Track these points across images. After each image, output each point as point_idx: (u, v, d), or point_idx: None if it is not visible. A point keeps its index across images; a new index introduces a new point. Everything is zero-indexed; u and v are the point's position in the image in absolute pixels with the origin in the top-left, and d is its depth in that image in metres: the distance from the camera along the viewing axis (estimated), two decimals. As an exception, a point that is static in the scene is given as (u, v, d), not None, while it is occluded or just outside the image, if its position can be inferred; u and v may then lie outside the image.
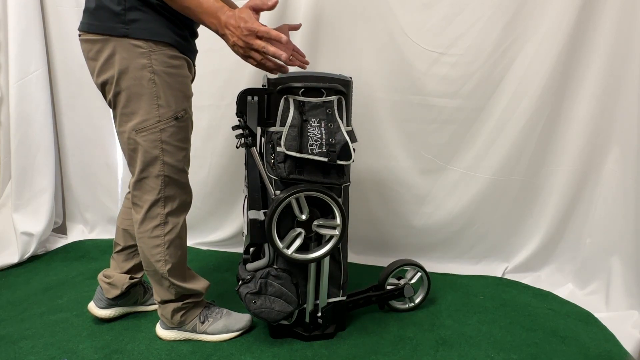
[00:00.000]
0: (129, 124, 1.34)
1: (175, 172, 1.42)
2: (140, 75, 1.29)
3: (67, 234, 2.54)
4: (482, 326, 1.74)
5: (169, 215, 1.44)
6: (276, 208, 1.42)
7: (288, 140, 1.43)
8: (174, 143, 1.38)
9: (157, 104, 1.32)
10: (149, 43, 1.28)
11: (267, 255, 1.55)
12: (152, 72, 1.30)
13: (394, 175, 2.20)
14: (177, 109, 1.36)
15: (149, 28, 1.28)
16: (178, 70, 1.35)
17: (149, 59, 1.29)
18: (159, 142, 1.35)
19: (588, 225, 2.02)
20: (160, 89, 1.32)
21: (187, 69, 1.39)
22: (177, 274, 1.50)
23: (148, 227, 1.43)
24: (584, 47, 1.90)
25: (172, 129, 1.36)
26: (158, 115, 1.33)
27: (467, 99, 2.04)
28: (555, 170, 2.06)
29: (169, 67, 1.32)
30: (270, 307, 1.53)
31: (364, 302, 1.76)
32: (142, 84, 1.30)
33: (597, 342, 1.66)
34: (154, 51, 1.29)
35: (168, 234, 1.45)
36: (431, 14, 1.99)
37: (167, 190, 1.41)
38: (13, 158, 2.28)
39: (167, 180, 1.41)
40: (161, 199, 1.41)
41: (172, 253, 1.47)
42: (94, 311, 1.68)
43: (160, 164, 1.38)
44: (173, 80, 1.34)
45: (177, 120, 1.37)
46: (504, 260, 2.23)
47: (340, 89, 1.48)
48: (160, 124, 1.34)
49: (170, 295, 1.53)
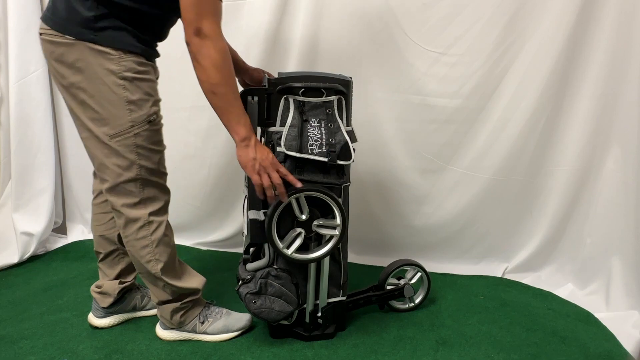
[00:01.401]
0: (102, 129, 1.33)
1: (152, 174, 1.41)
2: (110, 80, 1.29)
3: (67, 234, 2.54)
4: (482, 326, 1.74)
5: (152, 214, 1.43)
6: (276, 208, 1.42)
7: (288, 140, 1.43)
8: (149, 146, 1.38)
9: (129, 109, 1.32)
10: (118, 51, 1.29)
11: (267, 255, 1.55)
12: (122, 77, 1.30)
13: (394, 175, 2.20)
14: (149, 113, 1.36)
15: (118, 37, 1.28)
16: (146, 75, 1.35)
17: (118, 65, 1.29)
18: (134, 147, 1.35)
19: (588, 225, 2.02)
20: (131, 94, 1.31)
21: (153, 73, 1.40)
22: (170, 272, 1.49)
23: (133, 229, 1.43)
24: (584, 47, 1.90)
25: (146, 133, 1.36)
26: (131, 120, 1.33)
27: (467, 99, 2.04)
28: (555, 170, 2.06)
29: (138, 72, 1.32)
30: (270, 307, 1.53)
31: (364, 302, 1.76)
32: (113, 89, 1.29)
33: (597, 342, 1.66)
34: (123, 58, 1.29)
35: (154, 233, 1.44)
36: (431, 14, 1.99)
37: (145, 192, 1.41)
38: (13, 158, 2.27)
39: (145, 183, 1.41)
40: (141, 201, 1.41)
41: (161, 251, 1.46)
42: (93, 322, 1.67)
43: (137, 168, 1.37)
44: (143, 85, 1.34)
45: (150, 124, 1.37)
46: (504, 260, 2.22)
47: (340, 89, 1.48)
48: (134, 129, 1.34)
49: (167, 295, 1.52)
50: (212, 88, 1.29)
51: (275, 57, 2.11)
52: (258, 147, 1.37)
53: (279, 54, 2.12)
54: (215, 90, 1.29)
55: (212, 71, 1.26)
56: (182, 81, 2.15)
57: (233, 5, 2.09)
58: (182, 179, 2.31)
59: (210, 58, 1.25)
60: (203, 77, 1.28)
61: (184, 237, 2.42)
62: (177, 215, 2.20)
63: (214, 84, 1.28)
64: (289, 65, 2.10)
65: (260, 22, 2.08)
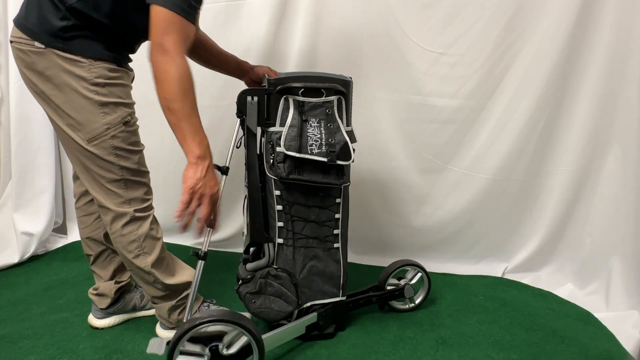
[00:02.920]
0: (79, 134, 1.35)
1: (134, 174, 1.43)
2: (82, 86, 1.30)
3: (67, 234, 2.55)
4: (482, 326, 1.74)
5: (137, 212, 1.45)
6: (180, 337, 1.28)
7: (287, 140, 1.43)
8: (127, 147, 1.39)
9: (104, 112, 1.34)
10: (88, 59, 1.30)
11: (267, 255, 1.56)
12: (94, 84, 1.31)
13: (394, 175, 2.20)
14: (123, 115, 1.37)
15: (87, 46, 1.30)
16: (118, 80, 1.36)
17: (89, 72, 1.30)
18: (112, 149, 1.37)
19: (588, 225, 2.02)
20: (103, 97, 1.33)
21: (126, 78, 1.40)
22: (160, 266, 1.49)
23: (118, 225, 1.44)
24: (584, 47, 1.90)
25: (123, 134, 1.38)
26: (106, 123, 1.34)
27: (467, 99, 2.04)
28: (555, 170, 2.06)
29: (109, 78, 1.34)
30: (269, 307, 1.53)
31: (364, 303, 1.76)
32: (84, 95, 1.31)
33: (597, 342, 1.66)
34: (94, 65, 1.31)
35: (140, 228, 1.45)
36: (431, 14, 1.99)
37: (129, 192, 1.43)
38: (13, 158, 2.28)
39: (128, 183, 1.42)
40: (125, 200, 1.43)
41: (149, 245, 1.47)
42: (93, 323, 1.68)
43: (118, 169, 1.39)
44: (115, 89, 1.35)
45: (125, 125, 1.38)
46: (503, 260, 2.23)
47: (340, 89, 1.48)
48: (111, 131, 1.35)
49: (159, 292, 1.52)
50: (167, 103, 1.25)
51: (275, 57, 2.11)
52: (210, 172, 1.30)
53: (279, 54, 2.12)
54: (170, 105, 1.25)
55: (168, 86, 1.23)
56: (182, 81, 2.16)
57: (233, 5, 2.09)
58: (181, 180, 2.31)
59: (167, 73, 1.23)
60: (160, 93, 1.26)
61: (183, 237, 2.42)
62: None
63: (169, 99, 1.24)
64: (289, 65, 2.10)
65: (260, 23, 2.08)
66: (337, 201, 1.56)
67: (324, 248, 1.58)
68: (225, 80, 2.17)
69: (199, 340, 1.33)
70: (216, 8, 2.10)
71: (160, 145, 2.07)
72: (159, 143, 2.05)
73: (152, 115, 1.93)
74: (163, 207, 2.09)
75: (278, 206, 1.51)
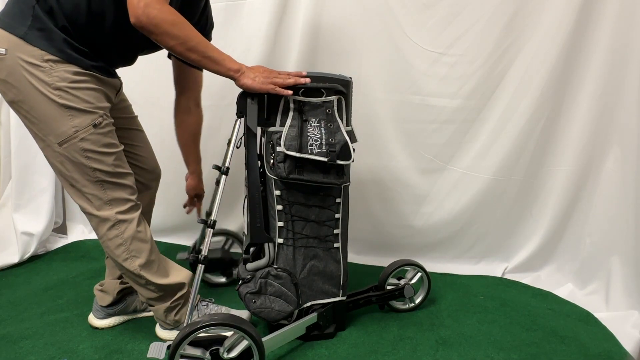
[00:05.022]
0: (49, 138, 1.34)
1: (110, 176, 1.40)
2: (44, 91, 1.29)
3: (67, 234, 2.54)
4: (482, 326, 1.74)
5: (120, 214, 1.43)
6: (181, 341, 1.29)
7: (288, 140, 1.43)
8: (98, 149, 1.37)
9: (70, 115, 1.32)
10: (48, 62, 1.28)
11: (267, 255, 1.55)
12: (56, 88, 1.29)
13: (394, 175, 2.20)
14: (93, 117, 1.35)
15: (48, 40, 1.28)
16: (83, 84, 1.34)
17: (50, 76, 1.28)
18: (82, 151, 1.35)
19: (588, 225, 2.02)
20: (68, 101, 1.31)
21: (95, 82, 1.37)
22: (150, 268, 1.48)
23: (104, 230, 1.43)
24: (584, 47, 1.91)
25: (93, 137, 1.35)
26: (74, 125, 1.32)
27: (467, 99, 2.05)
28: (555, 170, 2.06)
29: (73, 82, 1.31)
30: (269, 307, 1.53)
31: (364, 302, 1.76)
32: (49, 98, 1.29)
33: (597, 342, 1.66)
34: (54, 69, 1.29)
35: (126, 231, 1.44)
36: (431, 14, 1.99)
37: (108, 193, 1.41)
38: (13, 158, 2.28)
39: (105, 185, 1.40)
40: (106, 202, 1.41)
41: (137, 248, 1.45)
42: (92, 322, 1.68)
43: (91, 171, 1.37)
44: (80, 93, 1.33)
45: (95, 127, 1.36)
46: (503, 260, 2.23)
47: (340, 89, 1.48)
48: (80, 133, 1.33)
49: (152, 293, 1.51)
50: (185, 45, 1.27)
51: (275, 57, 2.11)
52: (250, 69, 1.40)
53: (279, 54, 2.12)
54: (189, 45, 1.27)
55: (177, 29, 1.25)
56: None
57: (233, 5, 2.09)
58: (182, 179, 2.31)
59: (163, 20, 1.23)
60: (172, 42, 1.26)
61: (183, 237, 2.42)
62: (176, 215, 2.22)
63: (185, 40, 1.26)
64: (289, 65, 2.10)
65: (260, 22, 2.08)
66: (337, 201, 1.56)
67: (324, 248, 1.58)
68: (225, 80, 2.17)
69: (200, 344, 1.33)
70: (216, 8, 2.08)
71: (160, 146, 2.07)
72: (159, 144, 2.05)
73: (152, 116, 1.94)
74: (165, 207, 2.10)
75: (278, 206, 1.51)
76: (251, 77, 1.38)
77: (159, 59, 1.62)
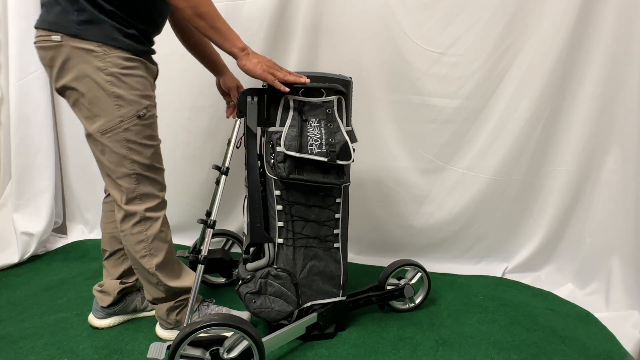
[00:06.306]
0: (93, 126, 1.35)
1: (146, 169, 1.42)
2: (97, 78, 1.30)
3: (67, 234, 2.55)
4: (482, 326, 1.74)
5: (148, 211, 1.44)
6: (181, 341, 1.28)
7: (288, 140, 1.43)
8: (140, 141, 1.39)
9: (118, 104, 1.33)
10: (102, 47, 1.30)
11: (267, 255, 1.55)
12: (109, 74, 1.31)
13: (394, 175, 2.20)
14: (138, 108, 1.37)
15: (101, 31, 1.29)
16: (134, 70, 1.36)
17: (103, 61, 1.30)
18: (125, 142, 1.36)
19: (588, 225, 2.03)
20: (118, 89, 1.33)
21: (143, 69, 1.39)
22: (164, 269, 1.50)
23: (129, 224, 1.44)
24: (584, 47, 1.91)
25: (136, 128, 1.37)
26: (120, 115, 1.34)
27: (467, 99, 2.05)
28: (555, 170, 2.07)
29: (124, 68, 1.33)
30: (269, 307, 1.53)
31: (364, 302, 1.76)
32: (101, 86, 1.31)
33: (597, 342, 1.66)
34: (108, 54, 1.30)
35: (150, 229, 1.45)
36: (431, 14, 1.99)
37: (140, 187, 1.42)
38: (13, 158, 2.28)
39: (140, 178, 1.42)
40: (137, 196, 1.42)
41: (156, 247, 1.47)
42: (92, 322, 1.68)
43: (129, 163, 1.39)
44: (130, 80, 1.35)
45: (140, 119, 1.38)
46: (503, 260, 2.23)
47: (340, 89, 1.48)
48: (124, 124, 1.35)
49: (160, 293, 1.52)
50: (195, 10, 1.28)
51: (275, 57, 2.11)
52: (256, 54, 1.40)
53: (279, 54, 2.12)
54: (199, 10, 1.28)
55: None
56: (182, 81, 2.16)
57: (233, 5, 2.09)
58: (182, 179, 2.31)
59: None
60: (182, 4, 1.27)
61: (183, 237, 2.42)
62: (177, 215, 2.21)
63: (196, 5, 1.27)
64: (289, 65, 2.10)
65: (260, 22, 2.08)
66: (337, 201, 1.56)
67: (324, 248, 1.58)
68: (225, 80, 2.18)
69: (200, 344, 1.33)
70: (216, 8, 2.10)
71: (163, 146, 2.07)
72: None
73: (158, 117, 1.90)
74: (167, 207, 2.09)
75: (278, 206, 1.51)
76: (254, 61, 1.39)
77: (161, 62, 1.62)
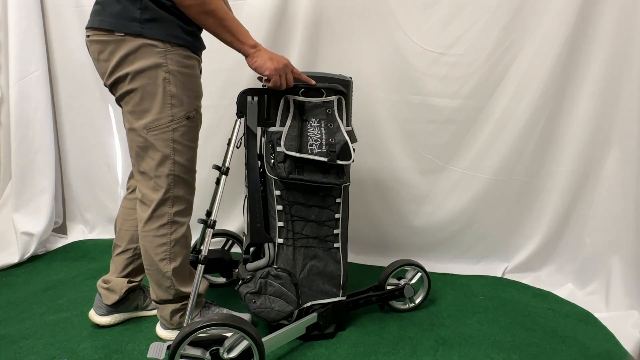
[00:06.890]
0: (140, 121, 1.34)
1: (184, 171, 1.42)
2: (155, 74, 1.30)
3: (67, 234, 2.55)
4: (482, 326, 1.74)
5: (177, 214, 1.44)
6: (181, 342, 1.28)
7: (288, 140, 1.43)
8: (184, 142, 1.39)
9: (171, 103, 1.33)
10: (165, 43, 1.29)
11: (267, 255, 1.56)
12: (167, 71, 1.31)
13: (394, 175, 2.20)
14: (189, 109, 1.37)
15: (164, 29, 1.29)
16: (191, 70, 1.36)
17: (164, 58, 1.30)
18: (170, 142, 1.36)
19: (588, 225, 2.02)
20: (174, 88, 1.32)
21: (198, 68, 1.41)
22: (179, 274, 1.50)
23: (154, 225, 1.43)
24: (584, 47, 1.91)
25: (183, 128, 1.37)
26: (171, 115, 1.34)
27: (467, 99, 2.05)
28: (555, 170, 2.07)
29: (183, 67, 1.33)
30: (269, 307, 1.53)
31: (364, 302, 1.76)
32: (157, 83, 1.31)
33: (597, 342, 1.66)
34: (170, 51, 1.30)
35: (174, 233, 1.44)
36: (431, 14, 1.99)
37: (175, 189, 1.42)
38: (13, 158, 2.28)
39: (177, 180, 1.41)
40: (169, 198, 1.42)
41: (177, 252, 1.46)
42: (94, 319, 1.67)
43: (170, 163, 1.38)
44: (186, 80, 1.35)
45: (188, 120, 1.38)
46: (503, 260, 2.23)
47: (340, 89, 1.48)
48: (173, 124, 1.35)
49: (169, 296, 1.52)
50: (204, 8, 1.27)
51: (275, 57, 2.11)
52: (267, 51, 1.37)
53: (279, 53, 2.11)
54: (207, 9, 1.27)
55: None
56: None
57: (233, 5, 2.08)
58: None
59: None
60: (188, 1, 1.25)
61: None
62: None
63: (205, 3, 1.26)
64: (289, 65, 2.10)
65: (259, 22, 2.08)
66: (337, 201, 1.56)
67: (324, 248, 1.58)
68: (225, 80, 2.18)
69: (200, 344, 1.33)
70: (216, 8, 2.10)
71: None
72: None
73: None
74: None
75: (278, 206, 1.51)
76: (266, 57, 1.36)
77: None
